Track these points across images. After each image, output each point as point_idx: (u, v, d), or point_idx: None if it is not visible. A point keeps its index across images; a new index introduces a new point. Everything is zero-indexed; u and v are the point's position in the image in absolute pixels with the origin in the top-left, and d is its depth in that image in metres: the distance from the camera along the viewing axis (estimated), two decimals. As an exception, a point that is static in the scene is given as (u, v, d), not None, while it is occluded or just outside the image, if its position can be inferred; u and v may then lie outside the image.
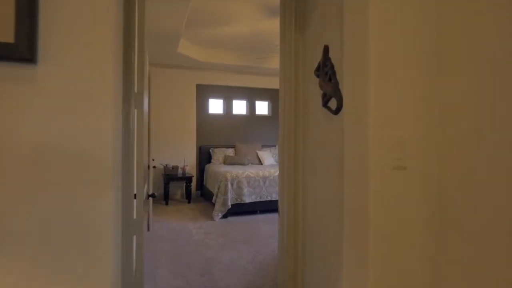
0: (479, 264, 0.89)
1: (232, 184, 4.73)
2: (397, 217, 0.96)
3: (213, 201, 4.84)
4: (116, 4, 1.27)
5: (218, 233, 4.01)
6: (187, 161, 6.30)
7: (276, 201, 4.92)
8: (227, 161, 6.08)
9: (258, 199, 4.85)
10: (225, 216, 4.70)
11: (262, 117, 7.04)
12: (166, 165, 5.88)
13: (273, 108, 7.12)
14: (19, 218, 1.14)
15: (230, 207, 4.63)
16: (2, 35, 1.11)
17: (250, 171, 4.96)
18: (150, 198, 4.16)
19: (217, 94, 6.68)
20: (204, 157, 6.45)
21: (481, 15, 0.90)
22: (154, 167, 4.32)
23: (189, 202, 5.81)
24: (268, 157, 6.33)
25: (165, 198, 5.68)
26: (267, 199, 4.90)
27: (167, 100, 6.20)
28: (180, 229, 4.17)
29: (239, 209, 4.78)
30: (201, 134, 6.53)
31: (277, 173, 4.99)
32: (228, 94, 6.75)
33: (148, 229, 4.09)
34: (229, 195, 4.66)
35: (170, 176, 5.72)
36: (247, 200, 4.76)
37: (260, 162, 6.28)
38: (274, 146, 6.94)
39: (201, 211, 5.16)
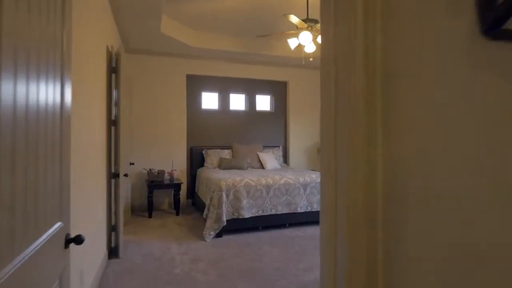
0: None
1: (227, 195, 3.79)
2: None
3: (204, 215, 3.91)
4: None
5: (209, 260, 3.08)
6: (176, 164, 5.36)
7: (283, 215, 4.01)
8: (223, 165, 5.15)
9: (260, 213, 3.93)
10: (219, 235, 3.77)
11: (263, 113, 6.11)
12: (150, 169, 4.94)
13: (276, 103, 6.19)
14: None
15: (225, 223, 3.70)
16: None
17: (250, 178, 4.03)
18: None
19: (211, 87, 5.75)
20: (196, 160, 5.52)
21: None
22: (125, 175, 3.36)
23: (177, 213, 4.87)
24: (271, 160, 5.40)
25: (149, 209, 4.74)
26: (271, 213, 3.97)
27: (152, 93, 5.26)
28: (161, 254, 3.23)
29: (237, 226, 3.85)
30: (192, 133, 5.60)
31: (283, 181, 4.07)
32: (224, 86, 5.82)
33: (118, 256, 3.17)
34: (224, 209, 3.74)
35: (154, 183, 4.79)
36: (247, 214, 3.83)
37: (261, 166, 5.35)
38: (278, 147, 6.01)
39: (191, 227, 4.22)
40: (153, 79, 5.26)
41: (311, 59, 3.46)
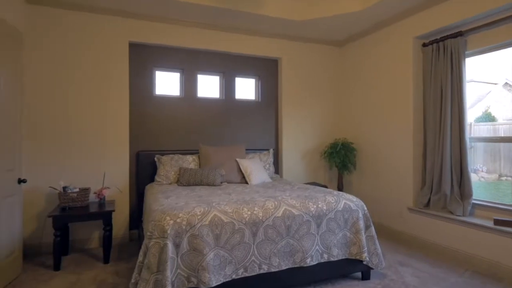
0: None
1: (177, 245, 1.97)
2: None
3: (131, 285, 2.05)
4: None
5: None
6: (111, 179, 3.48)
7: (281, 273, 2.23)
8: (184, 179, 3.32)
9: (240, 274, 2.12)
10: (160, 322, 1.93)
11: (246, 103, 4.32)
12: (64, 188, 3.04)
13: (264, 89, 4.42)
14: None
15: (170, 303, 1.86)
16: None
17: (223, 208, 2.21)
18: None
19: (170, 63, 3.91)
20: (144, 171, 3.66)
21: None
22: None
23: (106, 260, 2.98)
24: (258, 170, 3.60)
25: (55, 257, 2.81)
26: (261, 272, 2.17)
27: (70, 70, 3.37)
28: None
29: (196, 301, 2.02)
30: (139, 131, 3.74)
31: (281, 212, 2.29)
32: (189, 63, 3.99)
33: None
34: (169, 273, 1.90)
35: (69, 213, 2.88)
36: (214, 279, 2.01)
37: (243, 180, 3.55)
38: (267, 150, 4.23)
39: (117, 294, 2.36)
40: (73, 48, 3.38)
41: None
